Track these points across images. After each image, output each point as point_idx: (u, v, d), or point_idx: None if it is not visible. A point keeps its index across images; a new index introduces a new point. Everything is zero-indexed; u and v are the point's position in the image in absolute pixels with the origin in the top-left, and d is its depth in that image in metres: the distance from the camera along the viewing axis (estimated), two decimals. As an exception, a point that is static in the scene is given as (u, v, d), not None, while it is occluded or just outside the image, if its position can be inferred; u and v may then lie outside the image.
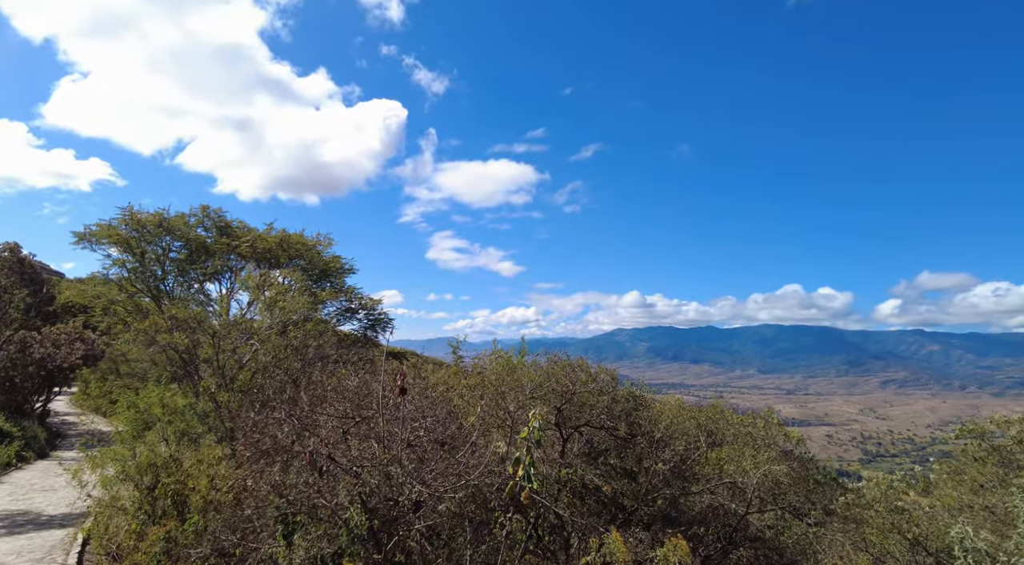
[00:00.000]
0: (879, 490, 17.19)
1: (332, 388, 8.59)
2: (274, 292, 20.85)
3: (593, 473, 12.58)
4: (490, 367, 14.07)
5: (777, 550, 12.73)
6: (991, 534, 9.93)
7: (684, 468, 12.68)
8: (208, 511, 8.99)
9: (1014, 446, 13.29)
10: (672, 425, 12.92)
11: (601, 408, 12.22)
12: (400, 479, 6.82)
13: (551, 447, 12.72)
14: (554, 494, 11.46)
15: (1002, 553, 7.01)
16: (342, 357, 21.00)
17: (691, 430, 13.98)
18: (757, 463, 11.68)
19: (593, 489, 11.93)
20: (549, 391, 12.11)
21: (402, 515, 7.02)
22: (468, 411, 10.91)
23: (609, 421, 12.23)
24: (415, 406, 7.70)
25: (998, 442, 13.50)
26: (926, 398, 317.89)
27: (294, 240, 32.47)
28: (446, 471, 7.05)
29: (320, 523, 7.26)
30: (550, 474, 11.93)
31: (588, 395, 12.25)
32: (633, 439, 12.22)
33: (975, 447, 13.58)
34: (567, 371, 12.48)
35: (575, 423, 12.59)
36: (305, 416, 7.45)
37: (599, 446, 13.64)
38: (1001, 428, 13.61)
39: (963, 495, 13.05)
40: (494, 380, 11.81)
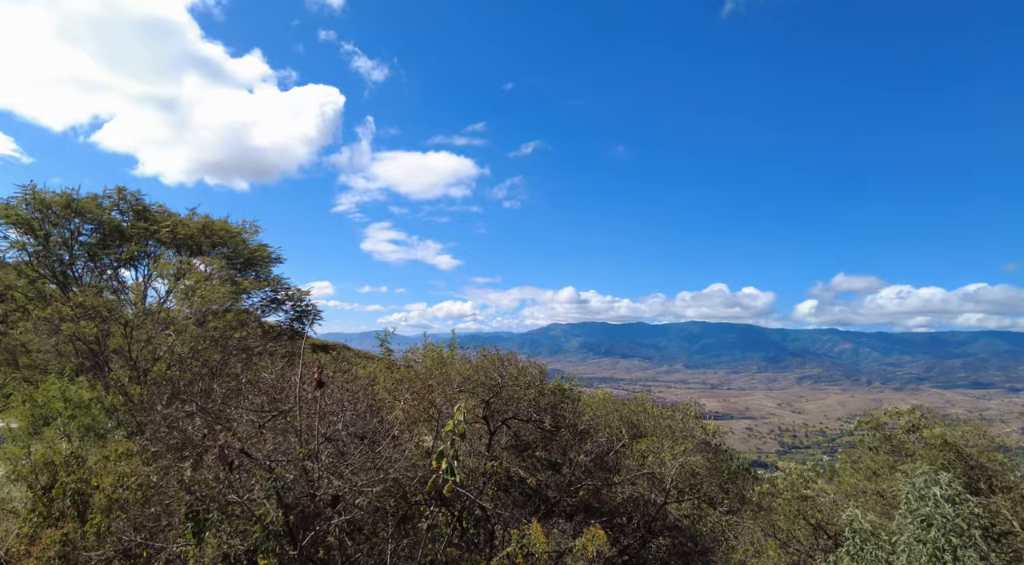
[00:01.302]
0: (788, 480, 18.26)
1: (248, 381, 8.30)
2: (194, 280, 19.88)
3: (519, 465, 12.73)
4: (420, 361, 13.99)
5: (693, 538, 13.30)
6: (877, 516, 10.75)
7: (607, 460, 13.03)
8: (113, 511, 8.50)
9: (903, 435, 14.43)
10: (595, 418, 13.25)
11: (528, 401, 12.38)
12: (317, 474, 6.68)
13: (478, 440, 12.77)
14: (479, 487, 11.52)
15: (884, 532, 7.59)
16: (267, 349, 20.33)
17: (614, 422, 14.38)
18: (675, 454, 12.15)
19: (518, 481, 12.06)
20: (478, 384, 12.15)
21: (320, 510, 6.88)
22: (394, 405, 10.80)
23: (536, 414, 12.41)
24: (335, 400, 7.55)
25: (890, 432, 14.64)
26: (837, 393, 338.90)
27: (218, 227, 31.02)
28: (365, 465, 6.96)
29: (233, 519, 7.02)
30: (476, 467, 11.98)
31: (516, 388, 12.38)
32: (558, 431, 12.44)
33: (870, 437, 14.68)
34: (496, 365, 12.57)
35: (503, 416, 12.70)
36: (218, 409, 7.17)
37: (526, 439, 13.81)
38: (892, 419, 14.76)
39: (859, 482, 14.07)
40: (421, 374, 11.74)
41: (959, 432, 13.61)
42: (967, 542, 6.98)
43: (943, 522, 7.10)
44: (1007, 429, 28.25)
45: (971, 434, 13.54)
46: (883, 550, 7.44)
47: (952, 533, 7.01)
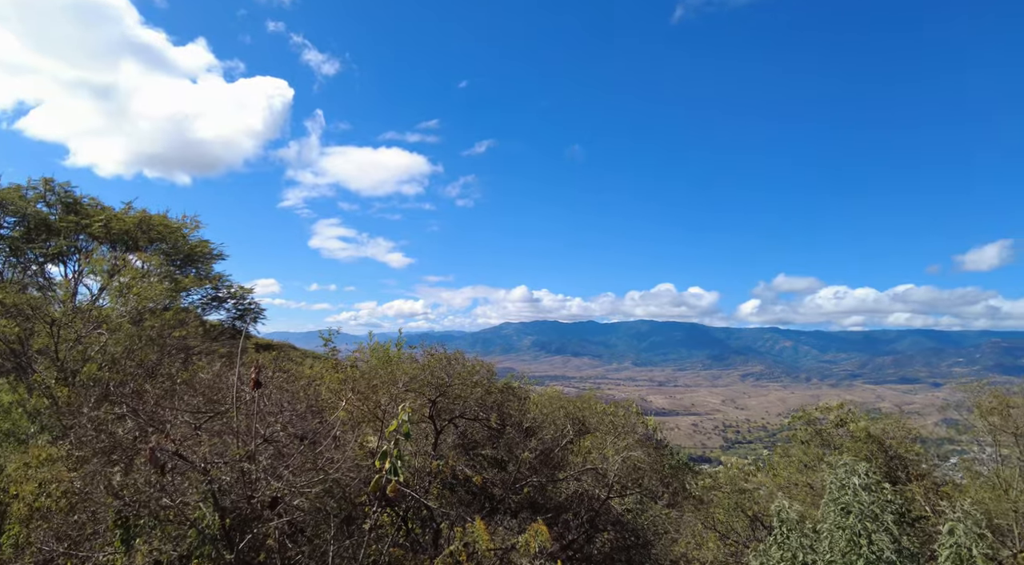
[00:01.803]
0: (728, 474, 18.94)
1: (184, 381, 8.06)
2: (129, 277, 19.05)
3: (465, 464, 12.78)
4: (365, 360, 13.86)
5: (635, 532, 13.66)
6: (807, 506, 11.34)
7: (552, 456, 13.24)
8: (33, 520, 8.10)
9: (832, 429, 15.23)
10: (542, 415, 13.43)
11: (475, 400, 12.44)
12: (256, 475, 6.57)
13: (424, 440, 12.76)
14: (425, 486, 11.52)
15: (809, 521, 8.02)
16: (208, 348, 19.70)
17: (560, 420, 14.61)
18: (618, 449, 12.46)
19: (464, 480, 12.12)
20: (424, 384, 12.14)
21: (258, 512, 6.76)
22: (337, 405, 10.67)
23: (482, 412, 12.49)
24: (275, 400, 7.43)
25: (821, 427, 15.43)
26: (778, 389, 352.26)
27: (156, 221, 29.69)
28: (304, 466, 6.88)
29: (166, 525, 6.82)
30: (422, 466, 11.97)
31: (463, 387, 12.43)
32: (504, 429, 12.56)
33: (803, 432, 15.44)
34: (443, 364, 12.58)
35: (449, 415, 12.73)
36: (151, 411, 6.94)
37: (474, 437, 13.88)
38: (823, 414, 15.57)
39: (792, 474, 14.78)
40: (367, 373, 11.64)
41: (881, 426, 14.47)
42: (880, 527, 7.46)
43: (860, 509, 7.56)
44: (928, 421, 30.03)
45: (891, 427, 14.42)
46: (807, 538, 7.86)
47: (867, 519, 7.48)
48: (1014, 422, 11.86)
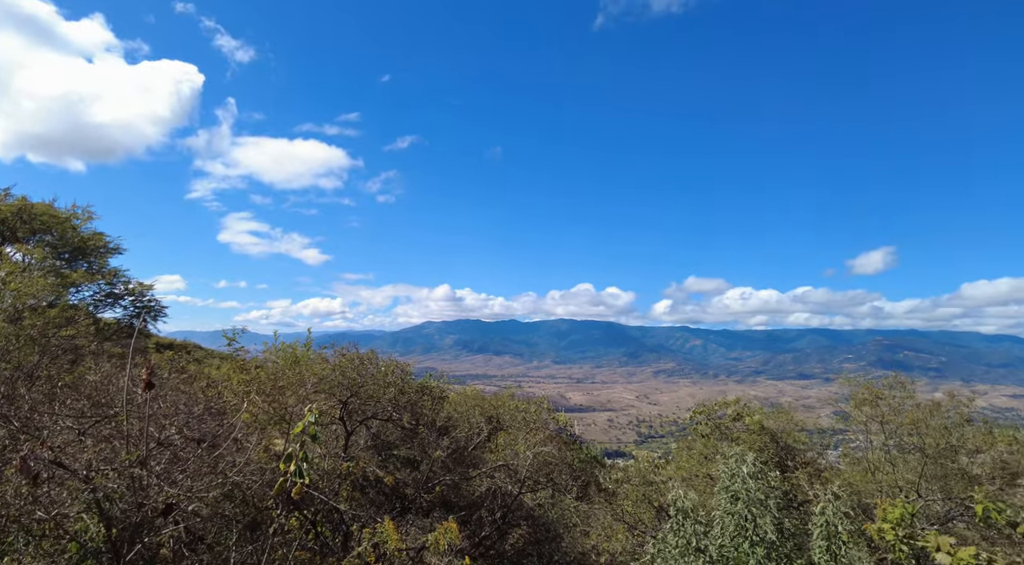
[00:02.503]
0: (637, 467, 19.72)
1: (67, 384, 7.52)
2: (6, 271, 17.45)
3: (377, 465, 12.66)
4: (272, 361, 13.41)
5: (545, 526, 13.99)
6: (703, 495, 12.06)
7: (466, 455, 13.35)
8: None
9: (730, 423, 16.22)
10: (457, 414, 13.50)
11: (388, 400, 12.34)
12: (147, 482, 6.24)
13: (335, 442, 12.53)
14: (335, 488, 11.32)
15: (702, 509, 8.55)
16: (99, 349, 18.35)
17: (476, 418, 14.74)
18: (529, 446, 12.73)
19: (375, 480, 12.00)
20: (335, 385, 11.91)
21: (149, 520, 6.42)
22: (241, 407, 10.28)
23: (395, 413, 12.40)
24: (171, 402, 7.08)
25: (720, 420, 16.40)
26: (688, 385, 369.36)
27: (40, 211, 27.23)
28: (202, 470, 6.61)
29: (41, 540, 6.35)
30: (332, 468, 11.75)
31: (376, 388, 12.30)
32: (416, 429, 12.53)
33: (704, 426, 16.36)
34: (355, 364, 12.40)
35: (361, 416, 12.55)
36: (26, 416, 6.44)
37: (387, 438, 13.75)
38: (722, 409, 16.57)
39: (693, 466, 15.60)
40: (272, 374, 11.28)
41: (772, 419, 15.60)
42: (765, 511, 8.07)
43: (747, 496, 8.14)
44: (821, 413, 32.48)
45: (782, 419, 15.56)
46: (700, 525, 8.37)
47: (754, 504, 8.07)
48: (881, 411, 13.13)
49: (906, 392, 13.61)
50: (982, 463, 12.48)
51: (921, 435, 12.33)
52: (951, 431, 12.16)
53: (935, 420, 12.34)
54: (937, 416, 12.43)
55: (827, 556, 7.85)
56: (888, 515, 5.34)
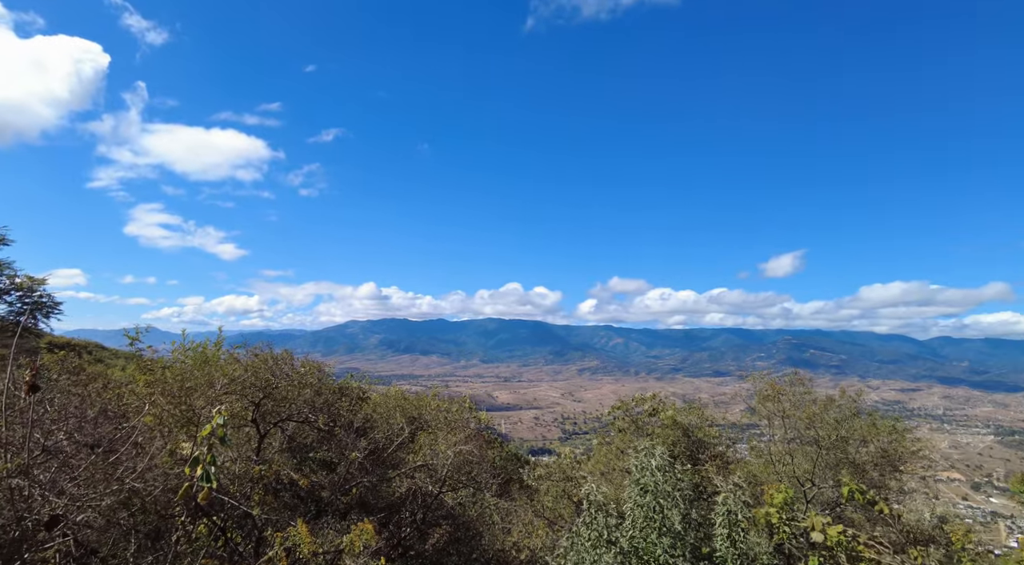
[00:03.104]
0: (557, 463, 20.08)
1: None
2: None
3: (292, 467, 12.31)
4: (181, 361, 12.77)
5: (466, 524, 14.04)
6: (616, 488, 12.51)
7: (386, 455, 13.19)
8: None
9: (646, 418, 16.86)
10: (377, 414, 13.32)
11: (304, 401, 12.03)
12: (28, 492, 5.80)
13: (247, 444, 12.08)
14: (246, 492, 10.91)
15: (613, 502, 8.88)
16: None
17: (396, 418, 14.59)
18: (450, 444, 12.75)
19: (290, 483, 11.66)
20: (248, 386, 11.50)
21: (30, 534, 5.98)
22: (143, 409, 9.73)
23: (311, 414, 12.11)
24: (60, 405, 6.62)
25: (636, 416, 17.02)
26: (611, 383, 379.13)
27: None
28: (95, 478, 6.22)
29: None
30: (244, 472, 11.33)
31: (290, 388, 11.96)
32: (333, 430, 12.28)
33: (621, 421, 16.92)
34: (269, 364, 12.01)
35: (275, 418, 12.17)
36: None
37: (303, 440, 13.39)
38: (638, 405, 17.19)
39: (610, 460, 16.12)
40: (180, 375, 10.74)
41: (684, 414, 16.36)
42: (671, 502, 8.47)
43: (655, 488, 8.52)
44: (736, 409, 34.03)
45: (693, 415, 16.35)
46: (612, 517, 8.67)
47: (661, 496, 8.46)
48: (782, 406, 14.06)
49: (805, 388, 14.62)
50: (868, 452, 13.60)
51: (816, 428, 13.31)
52: (841, 424, 13.18)
53: (828, 414, 13.35)
54: (830, 410, 13.45)
55: (728, 543, 8.35)
56: (773, 500, 5.76)
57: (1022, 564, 5.53)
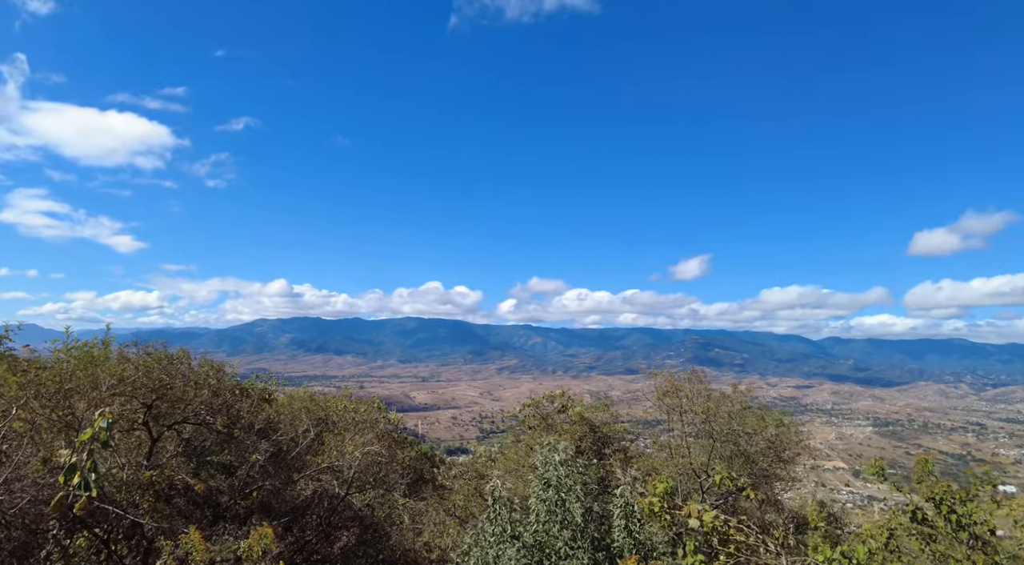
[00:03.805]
0: (474, 462, 20.14)
1: None
2: None
3: (188, 472, 11.70)
4: (65, 360, 11.83)
5: (374, 526, 13.87)
6: (524, 484, 12.78)
7: (290, 458, 12.79)
8: None
9: (555, 415, 17.31)
10: (278, 416, 12.90)
11: (200, 402, 11.47)
12: None
13: (137, 449, 11.37)
14: (135, 500, 10.27)
15: (517, 496, 9.09)
16: None
17: (302, 419, 14.19)
18: (357, 445, 12.55)
19: (184, 489, 11.07)
20: (139, 386, 10.82)
21: None
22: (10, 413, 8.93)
23: (209, 416, 11.56)
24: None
25: (546, 413, 17.43)
26: (529, 381, 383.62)
27: None
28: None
29: None
30: (133, 479, 10.66)
31: (187, 389, 11.38)
32: (232, 432, 11.79)
33: (531, 419, 17.28)
34: (164, 364, 11.36)
35: (170, 420, 11.53)
36: None
37: (201, 443, 12.75)
38: (549, 402, 17.62)
39: (520, 457, 16.41)
40: (58, 375, 9.95)
41: (591, 411, 16.94)
42: (574, 496, 8.78)
43: (558, 482, 8.80)
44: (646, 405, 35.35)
45: (600, 411, 16.95)
46: (517, 512, 8.88)
47: (563, 490, 8.75)
48: (680, 402, 14.88)
49: (703, 384, 15.54)
50: (756, 443, 14.65)
51: (710, 422, 14.17)
52: (733, 418, 14.13)
53: (722, 409, 14.26)
54: (723, 405, 14.37)
55: (625, 533, 8.75)
56: (655, 490, 6.14)
57: (864, 534, 6.22)
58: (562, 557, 8.40)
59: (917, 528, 6.79)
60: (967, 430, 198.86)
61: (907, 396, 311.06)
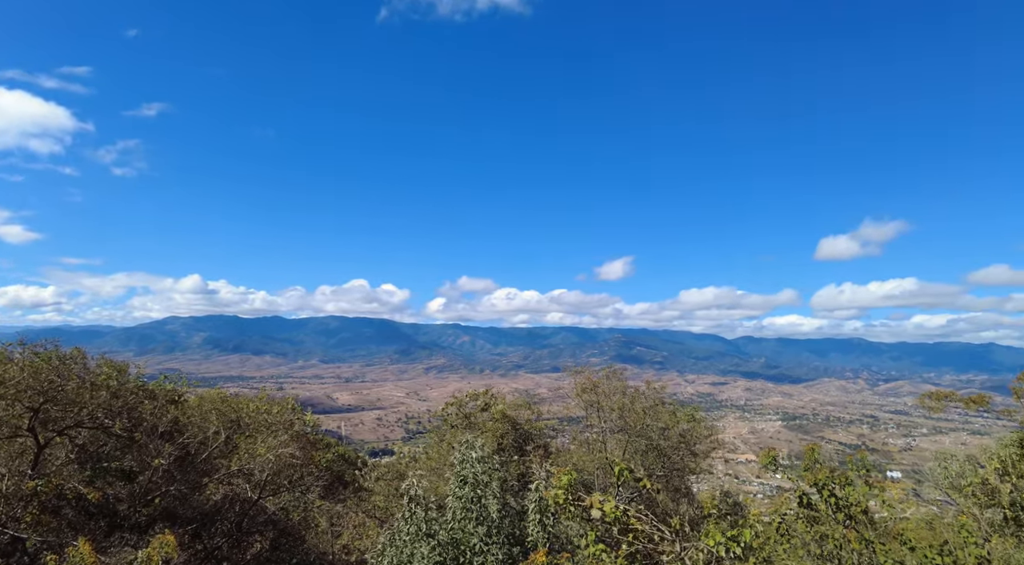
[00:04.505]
0: (396, 462, 19.85)
1: None
2: None
3: (82, 480, 10.94)
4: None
5: (288, 531, 13.45)
6: (443, 482, 12.81)
7: (199, 462, 12.19)
8: None
9: (478, 413, 17.40)
10: (185, 419, 12.28)
11: (98, 405, 10.75)
12: None
13: (21, 457, 10.52)
14: (16, 513, 9.50)
15: (434, 494, 9.10)
16: None
17: (213, 421, 13.58)
18: (270, 447, 12.13)
19: (76, 498, 10.34)
20: (24, 388, 10.02)
21: None
22: None
23: (107, 419, 10.85)
24: None
25: (469, 411, 17.50)
26: (457, 380, 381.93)
27: None
28: None
29: None
30: (14, 490, 9.86)
31: (81, 391, 10.63)
32: (133, 436, 11.12)
33: (454, 417, 17.30)
34: (54, 364, 10.56)
35: (61, 425, 10.74)
36: None
37: (97, 448, 11.95)
38: (472, 400, 17.70)
39: (442, 456, 16.39)
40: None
41: (514, 408, 17.15)
42: (490, 493, 8.88)
43: (474, 479, 8.87)
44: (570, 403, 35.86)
45: (521, 408, 17.19)
46: (432, 510, 8.87)
47: (479, 486, 8.82)
48: (598, 398, 15.33)
49: (619, 381, 16.08)
50: (669, 438, 15.31)
51: (625, 417, 14.68)
52: (647, 413, 14.70)
53: (636, 405, 14.79)
54: (637, 401, 14.92)
55: (539, 527, 8.93)
56: (560, 482, 6.34)
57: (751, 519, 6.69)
58: (477, 553, 8.47)
59: (804, 512, 7.35)
60: (863, 422, 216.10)
61: (812, 392, 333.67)
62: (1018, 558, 9.73)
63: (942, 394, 18.36)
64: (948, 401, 18.53)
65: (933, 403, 18.66)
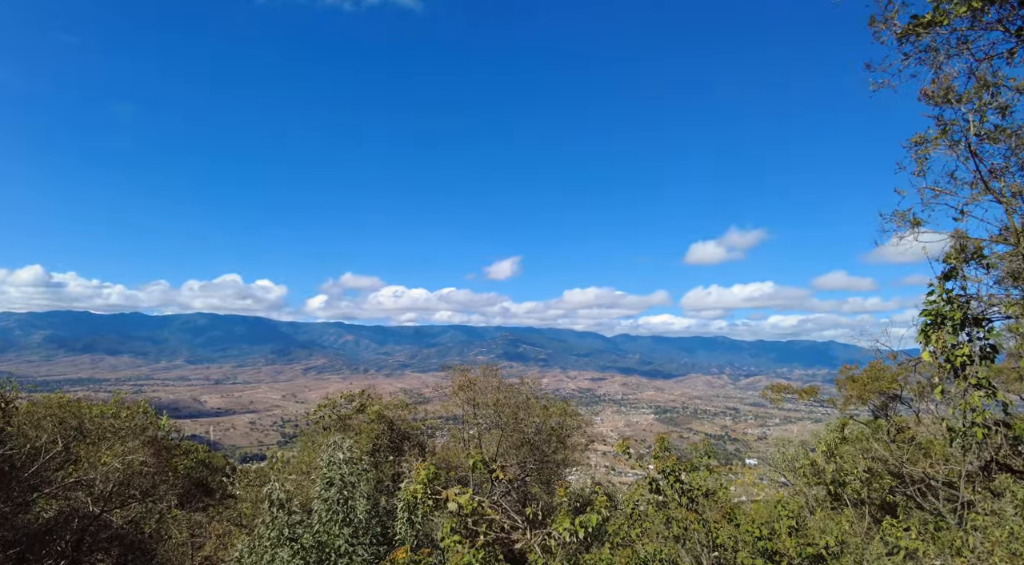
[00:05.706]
0: (269, 467, 18.95)
1: None
2: None
3: None
4: None
5: (135, 546, 12.41)
6: (308, 485, 12.47)
7: (26, 474, 10.92)
8: None
9: (354, 415, 17.07)
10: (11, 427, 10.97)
11: None
12: None
13: None
14: None
15: (297, 499, 8.86)
16: None
17: (49, 428, 12.24)
18: (117, 455, 11.15)
19: None
20: None
21: None
22: None
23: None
24: None
25: (344, 412, 17.13)
26: (339, 381, 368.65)
27: None
28: None
29: None
30: None
31: None
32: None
33: (327, 419, 16.84)
34: None
35: None
36: None
37: None
38: (347, 401, 17.33)
39: (313, 459, 15.91)
40: None
41: (390, 408, 17.03)
42: (357, 494, 8.79)
43: (341, 480, 8.74)
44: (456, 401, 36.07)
45: (399, 408, 17.10)
46: (295, 514, 8.63)
47: (346, 488, 8.71)
48: (474, 395, 15.62)
49: (495, 378, 16.45)
50: (541, 431, 15.92)
51: (499, 413, 15.07)
52: (520, 408, 15.20)
53: (511, 400, 15.24)
54: (512, 396, 15.37)
55: (407, 525, 8.97)
56: (418, 477, 6.47)
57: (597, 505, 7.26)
58: (342, 554, 8.36)
59: (654, 497, 8.02)
60: (726, 414, 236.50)
61: (682, 386, 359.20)
62: (831, 527, 11.21)
63: (780, 387, 20.69)
64: (785, 393, 20.96)
65: (773, 395, 21.06)
